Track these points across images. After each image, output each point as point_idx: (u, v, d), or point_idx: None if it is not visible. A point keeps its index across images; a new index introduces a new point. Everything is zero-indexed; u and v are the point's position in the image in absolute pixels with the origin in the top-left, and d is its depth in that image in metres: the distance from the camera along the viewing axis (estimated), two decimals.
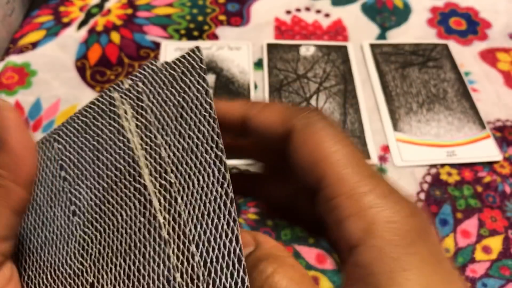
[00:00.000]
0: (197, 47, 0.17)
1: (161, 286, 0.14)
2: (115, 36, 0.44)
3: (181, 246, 0.14)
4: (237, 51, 0.42)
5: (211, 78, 0.40)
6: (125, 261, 0.15)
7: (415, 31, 0.46)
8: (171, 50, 0.42)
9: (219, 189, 0.15)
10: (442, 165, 0.36)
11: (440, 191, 0.35)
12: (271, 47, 0.43)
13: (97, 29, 0.45)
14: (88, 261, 0.16)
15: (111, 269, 0.15)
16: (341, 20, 0.47)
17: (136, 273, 0.15)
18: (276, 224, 0.32)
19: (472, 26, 0.46)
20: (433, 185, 0.35)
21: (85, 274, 0.16)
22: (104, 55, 0.42)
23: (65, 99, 0.39)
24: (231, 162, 0.35)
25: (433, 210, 0.33)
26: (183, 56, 0.17)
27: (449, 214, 0.34)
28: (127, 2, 0.47)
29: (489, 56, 0.44)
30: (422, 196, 0.34)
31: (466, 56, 0.44)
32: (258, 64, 0.42)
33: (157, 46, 0.43)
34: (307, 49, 0.43)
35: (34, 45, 0.43)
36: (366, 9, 0.48)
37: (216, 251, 0.14)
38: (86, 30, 0.44)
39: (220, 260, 0.14)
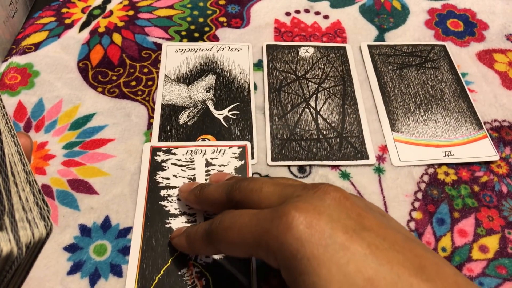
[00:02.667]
0: None
1: None
2: (117, 38, 0.44)
3: None
4: (237, 52, 0.43)
5: (212, 78, 0.40)
6: None
7: (413, 32, 0.46)
8: (172, 51, 0.43)
9: None
10: (440, 165, 0.36)
11: (438, 191, 0.35)
12: (270, 48, 0.44)
13: (99, 31, 0.45)
14: None
15: None
16: (340, 21, 0.47)
17: None
18: None
19: (470, 28, 0.47)
20: (430, 185, 0.35)
21: None
22: (106, 56, 0.43)
23: (67, 99, 0.39)
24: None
25: (430, 210, 0.34)
26: None
27: (446, 213, 0.34)
28: (129, 4, 0.48)
29: (486, 57, 0.44)
30: (420, 195, 0.35)
31: (463, 57, 0.44)
32: (258, 65, 0.43)
33: (158, 47, 0.44)
34: (306, 50, 0.44)
35: (37, 46, 0.43)
36: (364, 11, 0.48)
37: None
38: (88, 31, 0.45)
39: None
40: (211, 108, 0.38)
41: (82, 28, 0.45)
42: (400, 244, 0.20)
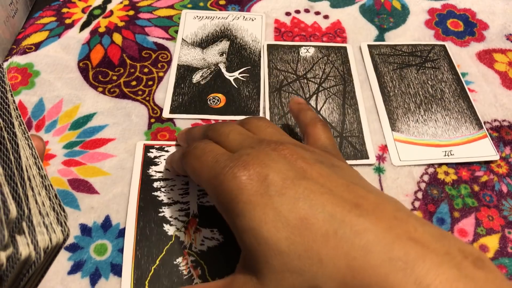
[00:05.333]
0: None
1: None
2: (117, 38, 0.44)
3: None
4: (251, 21, 0.45)
5: (226, 44, 0.43)
6: None
7: (413, 32, 0.46)
8: (190, 18, 0.44)
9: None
10: (440, 165, 0.37)
11: (438, 190, 0.35)
12: (271, 48, 0.44)
13: (99, 31, 0.45)
14: None
15: None
16: (340, 21, 0.47)
17: None
18: None
19: (470, 28, 0.47)
20: (430, 184, 0.35)
21: None
22: (107, 56, 0.43)
23: (68, 99, 0.39)
24: None
25: (430, 209, 0.34)
26: None
27: (446, 213, 0.34)
28: (129, 4, 0.48)
29: (486, 57, 0.44)
30: (420, 195, 0.35)
31: (463, 57, 0.44)
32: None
33: (159, 47, 0.44)
34: (307, 50, 0.44)
35: (37, 46, 0.43)
36: (364, 11, 0.48)
37: None
38: (88, 31, 0.45)
39: None
40: (223, 70, 0.41)
41: (82, 28, 0.45)
42: (340, 188, 0.22)
